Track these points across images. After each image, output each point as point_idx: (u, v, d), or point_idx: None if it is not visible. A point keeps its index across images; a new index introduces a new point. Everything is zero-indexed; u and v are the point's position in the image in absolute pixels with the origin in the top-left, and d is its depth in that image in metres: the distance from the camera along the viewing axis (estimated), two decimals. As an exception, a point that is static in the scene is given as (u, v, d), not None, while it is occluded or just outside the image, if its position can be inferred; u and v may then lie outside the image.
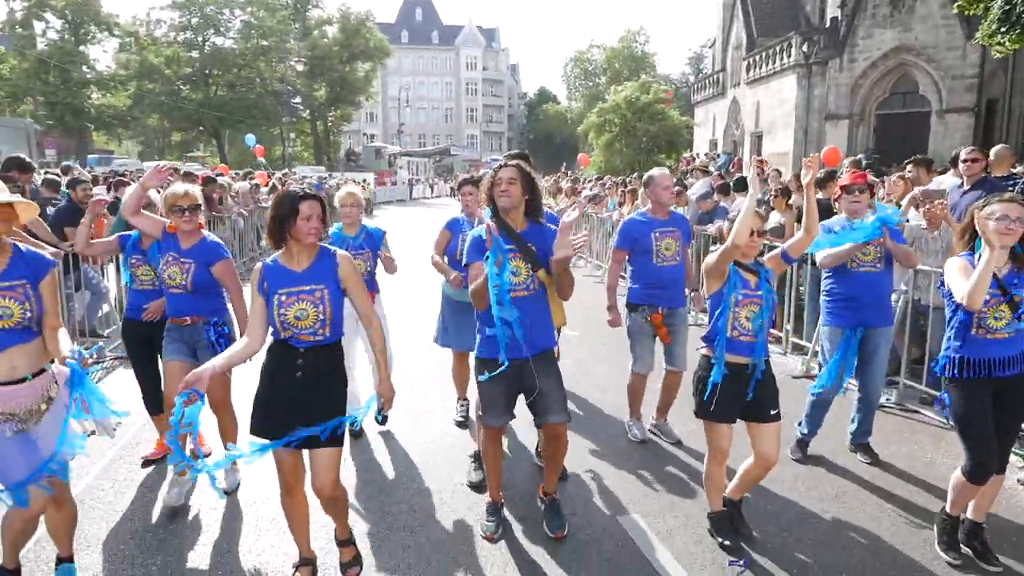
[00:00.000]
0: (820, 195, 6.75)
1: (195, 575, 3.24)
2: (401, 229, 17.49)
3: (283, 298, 2.86)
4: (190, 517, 3.75)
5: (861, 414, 4.57)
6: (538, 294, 3.32)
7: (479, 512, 3.72)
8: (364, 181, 31.07)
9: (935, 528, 3.51)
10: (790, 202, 7.60)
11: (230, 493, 3.93)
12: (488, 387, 3.36)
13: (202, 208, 3.84)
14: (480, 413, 3.53)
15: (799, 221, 6.64)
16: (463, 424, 5.03)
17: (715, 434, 3.43)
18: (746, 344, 3.32)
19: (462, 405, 5.16)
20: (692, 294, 5.04)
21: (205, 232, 3.90)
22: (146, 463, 4.36)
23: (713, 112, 31.94)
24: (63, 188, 7.41)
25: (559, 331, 3.83)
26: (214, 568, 3.29)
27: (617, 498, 4.01)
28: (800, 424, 4.59)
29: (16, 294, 2.70)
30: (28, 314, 2.72)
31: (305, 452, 2.96)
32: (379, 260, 4.68)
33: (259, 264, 2.98)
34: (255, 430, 2.91)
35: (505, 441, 4.17)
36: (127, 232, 4.22)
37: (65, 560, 3.07)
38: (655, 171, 4.80)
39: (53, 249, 5.72)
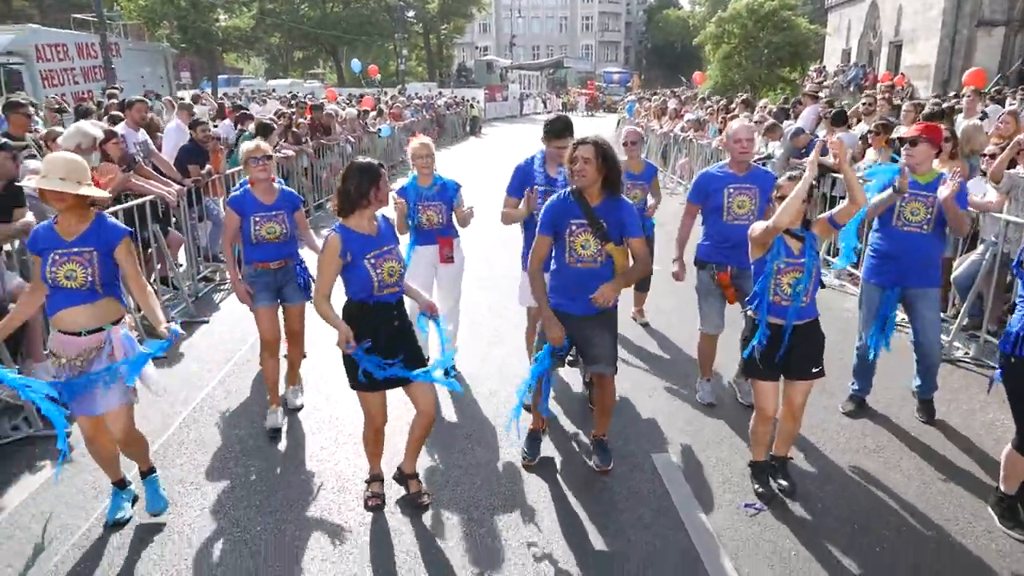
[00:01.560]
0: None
1: (287, 476, 3.91)
2: (505, 150, 17.68)
3: (372, 260, 3.24)
4: (284, 432, 4.44)
5: (920, 373, 4.49)
6: (604, 267, 3.53)
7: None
8: (473, 99, 31.23)
9: (991, 507, 3.52)
10: (890, 138, 7.14)
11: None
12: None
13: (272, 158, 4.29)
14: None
15: (893, 161, 6.36)
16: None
17: (759, 393, 3.60)
18: (786, 308, 3.40)
19: None
20: None
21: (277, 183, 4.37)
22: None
23: (848, 18, 29.07)
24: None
25: None
26: (302, 474, 3.95)
27: (658, 437, 4.32)
28: (852, 382, 4.64)
29: (82, 259, 3.05)
30: (90, 279, 3.05)
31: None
32: (453, 213, 4.87)
33: (334, 234, 3.23)
34: (361, 383, 3.32)
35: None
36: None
37: (147, 473, 3.55)
38: (733, 122, 4.65)
39: (176, 186, 6.52)
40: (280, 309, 4.39)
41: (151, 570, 3.15)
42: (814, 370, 3.50)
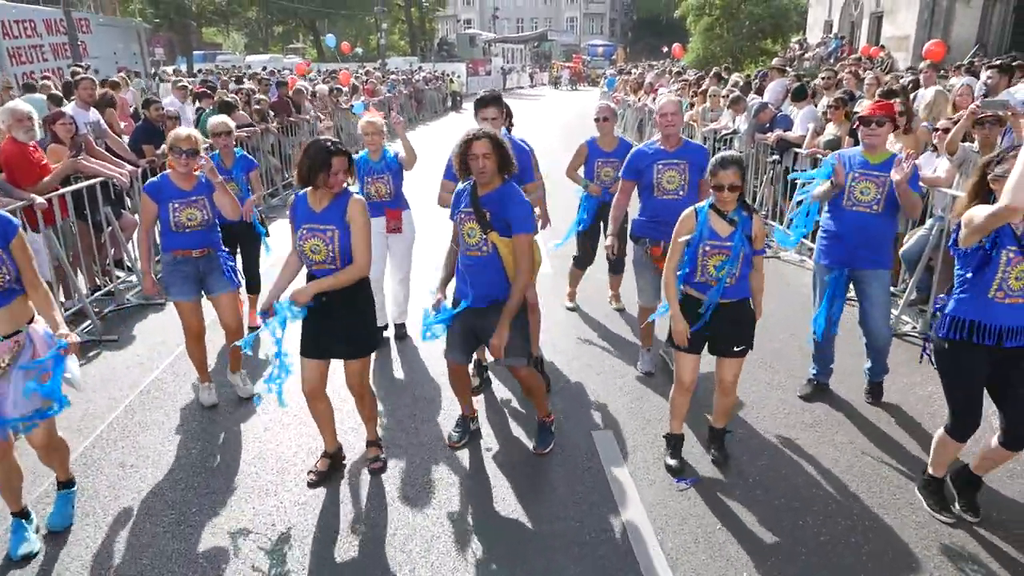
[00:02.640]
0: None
1: (227, 457, 3.93)
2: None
3: (303, 233, 3.32)
4: (229, 414, 4.46)
5: (870, 356, 4.48)
6: (490, 257, 3.47)
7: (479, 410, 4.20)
8: (452, 73, 30.88)
9: (919, 491, 3.53)
10: (849, 111, 7.15)
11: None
12: (449, 329, 3.67)
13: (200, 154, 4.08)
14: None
15: (851, 135, 6.37)
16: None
17: (678, 363, 3.68)
18: (711, 287, 3.45)
19: None
20: None
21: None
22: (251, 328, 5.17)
23: (831, -11, 28.79)
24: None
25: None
26: (244, 454, 3.97)
27: (600, 415, 4.37)
28: (811, 365, 4.65)
29: None
30: (8, 278, 2.83)
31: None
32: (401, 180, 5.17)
33: (294, 195, 3.44)
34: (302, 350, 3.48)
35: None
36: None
37: (65, 484, 3.40)
38: (660, 97, 4.72)
39: (130, 167, 6.44)
40: (208, 302, 4.35)
41: (81, 552, 3.17)
42: (735, 348, 3.54)
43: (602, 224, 5.75)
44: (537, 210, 4.63)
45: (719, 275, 3.41)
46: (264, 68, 24.49)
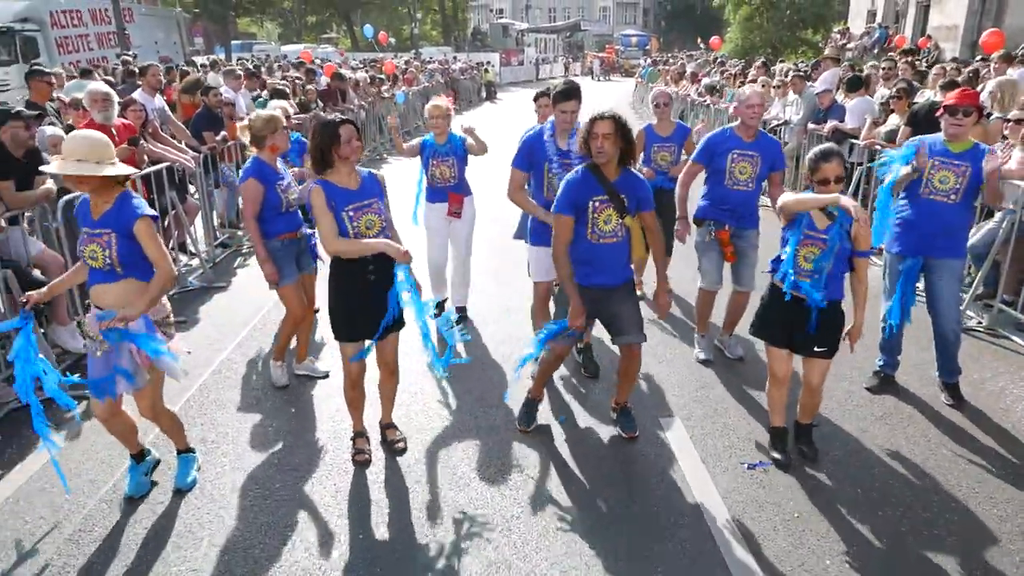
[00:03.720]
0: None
1: (304, 435, 4.03)
2: (520, 115, 17.52)
3: (351, 213, 3.32)
4: (301, 393, 4.56)
5: (938, 350, 4.39)
6: (624, 241, 3.58)
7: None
8: (488, 63, 30.87)
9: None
10: (912, 103, 7.02)
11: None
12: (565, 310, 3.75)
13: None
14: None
15: (911, 125, 6.26)
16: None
17: (770, 356, 3.64)
18: (803, 284, 3.37)
19: None
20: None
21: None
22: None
23: (874, -23, 28.11)
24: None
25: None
26: (319, 432, 4.07)
27: (666, 403, 4.38)
28: (879, 357, 4.61)
29: (101, 241, 3.04)
30: (108, 260, 3.05)
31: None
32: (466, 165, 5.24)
33: (316, 186, 3.32)
34: (345, 335, 3.50)
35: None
36: None
37: (183, 451, 3.61)
38: (745, 88, 4.66)
39: (193, 153, 6.58)
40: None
41: (174, 524, 3.28)
42: (817, 349, 3.47)
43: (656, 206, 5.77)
44: None
45: (814, 268, 3.35)
46: (298, 59, 24.73)
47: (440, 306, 5.38)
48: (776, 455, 3.72)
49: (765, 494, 3.48)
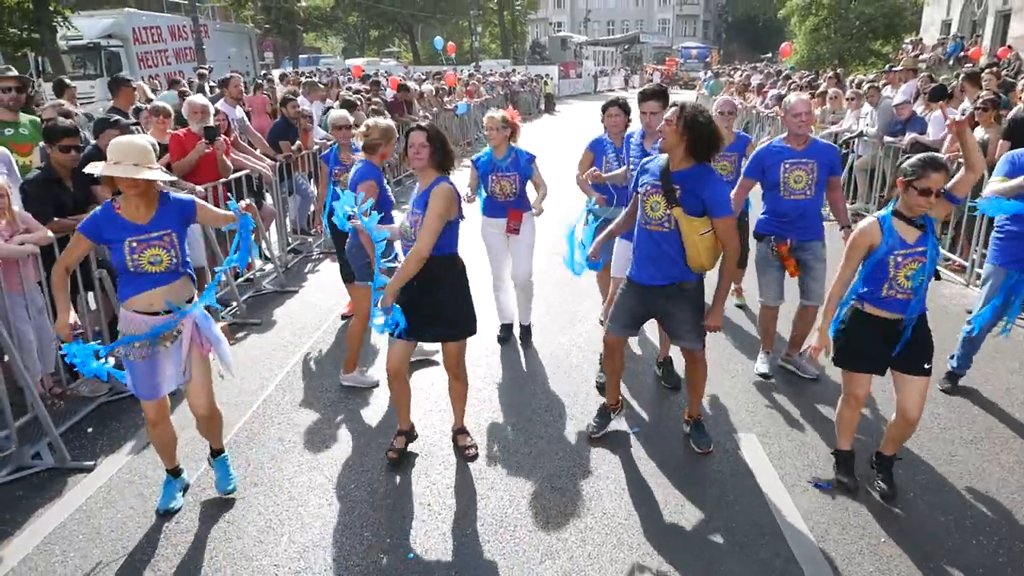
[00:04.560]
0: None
1: (379, 437, 4.09)
2: (579, 128, 17.55)
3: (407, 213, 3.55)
4: (375, 397, 4.64)
5: (962, 348, 4.45)
6: (673, 232, 3.46)
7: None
8: (547, 76, 31.02)
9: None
10: (1000, 114, 6.72)
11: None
12: (618, 301, 3.74)
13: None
14: (606, 321, 3.88)
15: (1006, 138, 5.98)
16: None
17: (852, 381, 3.41)
18: (901, 301, 3.19)
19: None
20: (842, 232, 4.55)
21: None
22: (344, 317, 5.75)
23: (950, -14, 27.13)
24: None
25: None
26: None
27: (740, 418, 4.28)
28: (952, 357, 4.52)
29: (164, 243, 3.06)
30: (175, 260, 3.09)
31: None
32: (527, 182, 5.07)
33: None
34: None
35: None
36: (327, 152, 5.23)
37: (218, 452, 3.57)
38: (791, 96, 4.58)
39: (269, 161, 6.80)
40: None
41: (255, 519, 3.38)
42: (926, 366, 3.26)
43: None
44: None
45: (915, 285, 3.14)
46: (367, 72, 25.38)
47: (507, 331, 5.39)
48: (843, 478, 3.53)
49: (849, 517, 3.35)
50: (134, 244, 3.04)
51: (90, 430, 4.21)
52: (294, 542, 3.22)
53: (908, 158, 3.13)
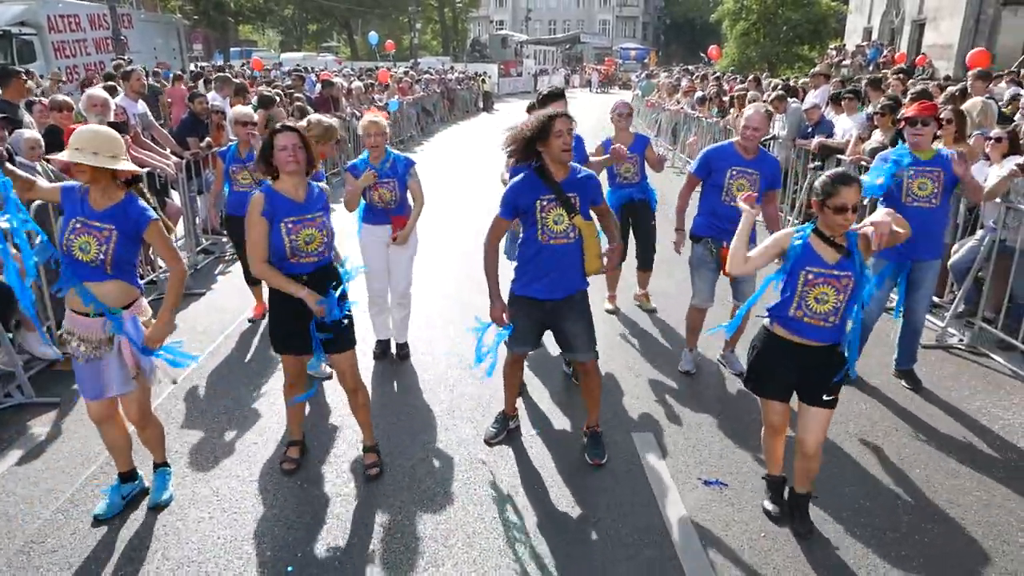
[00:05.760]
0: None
1: (271, 447, 3.97)
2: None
3: (289, 226, 3.25)
4: (270, 405, 4.50)
5: (903, 341, 4.74)
6: (576, 243, 3.48)
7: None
8: (484, 74, 30.97)
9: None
10: (897, 118, 7.00)
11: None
12: (514, 320, 3.64)
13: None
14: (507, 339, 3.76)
15: (895, 143, 6.24)
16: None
17: (767, 409, 3.25)
18: (812, 327, 2.96)
19: None
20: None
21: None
22: (251, 320, 5.70)
23: (871, -5, 28.32)
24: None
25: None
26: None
27: (640, 418, 4.32)
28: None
29: (101, 235, 2.95)
30: (102, 256, 2.96)
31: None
32: (407, 189, 4.70)
33: (258, 192, 3.30)
34: (279, 348, 3.51)
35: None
36: (225, 148, 5.07)
37: (160, 465, 3.53)
38: (749, 107, 4.63)
39: (175, 158, 6.55)
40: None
41: (130, 535, 3.21)
42: (826, 398, 3.05)
43: (630, 219, 5.80)
44: None
45: (828, 311, 2.91)
46: (297, 66, 24.81)
47: (383, 347, 5.11)
48: (770, 506, 3.38)
49: (733, 512, 3.42)
50: (76, 226, 2.97)
51: (-43, 445, 3.95)
52: (168, 558, 3.08)
53: (819, 177, 2.96)
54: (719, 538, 3.24)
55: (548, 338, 3.96)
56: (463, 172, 12.50)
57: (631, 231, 5.86)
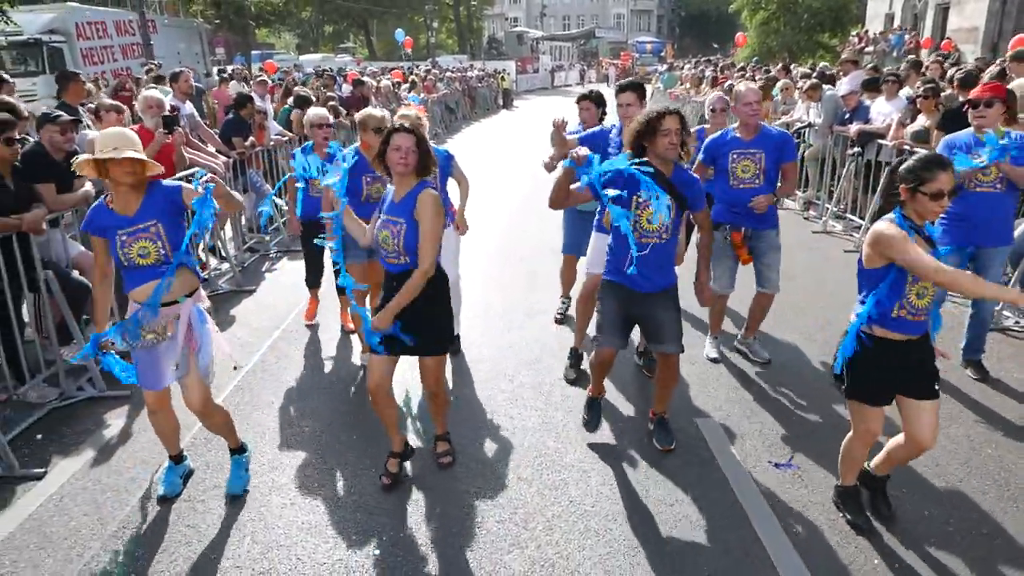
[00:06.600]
0: (961, 98, 6.18)
1: (341, 436, 4.04)
2: (537, 122, 17.60)
3: (379, 221, 3.28)
4: (338, 395, 4.57)
5: (972, 331, 4.65)
6: (668, 243, 3.44)
7: (573, 404, 4.23)
8: (504, 71, 30.98)
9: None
10: (940, 102, 6.94)
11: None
12: (605, 312, 3.61)
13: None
14: (596, 333, 3.76)
15: (941, 127, 6.19)
16: (561, 321, 5.57)
17: (864, 415, 3.04)
18: (911, 323, 2.87)
19: (563, 303, 5.62)
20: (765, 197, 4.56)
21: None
22: (308, 326, 5.59)
23: (893, -20, 28.00)
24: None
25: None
26: (355, 435, 4.07)
27: (701, 403, 4.34)
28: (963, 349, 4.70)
29: (150, 234, 3.01)
30: (163, 252, 3.04)
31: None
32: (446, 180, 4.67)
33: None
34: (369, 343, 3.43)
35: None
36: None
37: (235, 451, 3.56)
38: (740, 85, 4.65)
39: (223, 158, 6.65)
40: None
41: (215, 520, 3.30)
42: (936, 387, 2.97)
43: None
44: None
45: (925, 304, 2.83)
46: (318, 67, 25.00)
47: None
48: (851, 516, 3.22)
49: (808, 494, 3.43)
50: (123, 238, 3.01)
51: (39, 436, 4.05)
52: (256, 542, 3.16)
53: (903, 163, 2.83)
54: (797, 519, 3.26)
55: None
56: (496, 166, 12.54)
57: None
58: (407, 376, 4.25)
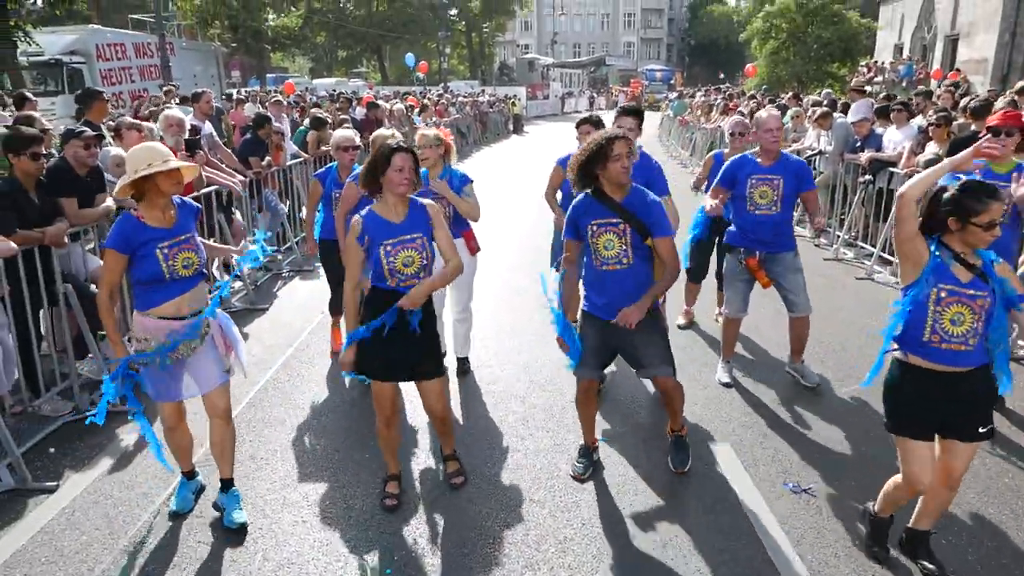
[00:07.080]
0: (974, 127, 6.21)
1: (353, 453, 4.03)
2: (547, 147, 17.74)
3: (388, 248, 3.14)
4: (350, 410, 4.58)
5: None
6: (630, 269, 3.33)
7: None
8: (515, 97, 31.33)
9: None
10: (952, 131, 6.97)
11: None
12: (585, 340, 3.55)
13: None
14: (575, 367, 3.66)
15: (950, 155, 6.21)
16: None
17: (906, 454, 2.84)
18: (948, 352, 2.67)
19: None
20: (816, 220, 4.76)
21: None
22: (333, 353, 5.37)
23: (901, 11, 28.23)
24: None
25: None
26: (367, 452, 4.06)
27: (714, 428, 4.32)
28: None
29: (190, 245, 3.10)
30: (202, 261, 3.16)
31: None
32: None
33: (357, 217, 3.22)
34: (365, 371, 3.30)
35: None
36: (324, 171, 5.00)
37: (228, 483, 3.41)
38: (762, 112, 4.71)
39: (241, 177, 6.74)
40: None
41: (226, 538, 3.29)
42: (981, 430, 2.76)
43: (716, 239, 5.59)
44: None
45: (962, 333, 2.64)
46: (332, 91, 25.35)
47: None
48: (870, 542, 3.15)
49: (823, 520, 3.40)
50: (166, 250, 3.03)
51: (52, 450, 4.08)
52: (268, 559, 3.15)
53: (944, 192, 2.65)
54: (812, 545, 3.22)
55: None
56: (507, 190, 12.64)
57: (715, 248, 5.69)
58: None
